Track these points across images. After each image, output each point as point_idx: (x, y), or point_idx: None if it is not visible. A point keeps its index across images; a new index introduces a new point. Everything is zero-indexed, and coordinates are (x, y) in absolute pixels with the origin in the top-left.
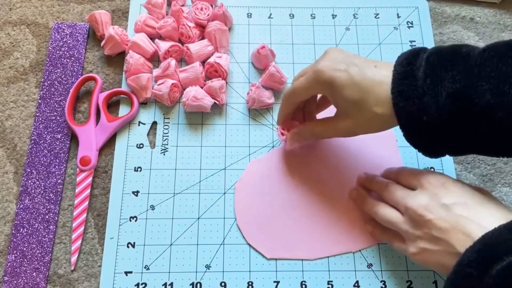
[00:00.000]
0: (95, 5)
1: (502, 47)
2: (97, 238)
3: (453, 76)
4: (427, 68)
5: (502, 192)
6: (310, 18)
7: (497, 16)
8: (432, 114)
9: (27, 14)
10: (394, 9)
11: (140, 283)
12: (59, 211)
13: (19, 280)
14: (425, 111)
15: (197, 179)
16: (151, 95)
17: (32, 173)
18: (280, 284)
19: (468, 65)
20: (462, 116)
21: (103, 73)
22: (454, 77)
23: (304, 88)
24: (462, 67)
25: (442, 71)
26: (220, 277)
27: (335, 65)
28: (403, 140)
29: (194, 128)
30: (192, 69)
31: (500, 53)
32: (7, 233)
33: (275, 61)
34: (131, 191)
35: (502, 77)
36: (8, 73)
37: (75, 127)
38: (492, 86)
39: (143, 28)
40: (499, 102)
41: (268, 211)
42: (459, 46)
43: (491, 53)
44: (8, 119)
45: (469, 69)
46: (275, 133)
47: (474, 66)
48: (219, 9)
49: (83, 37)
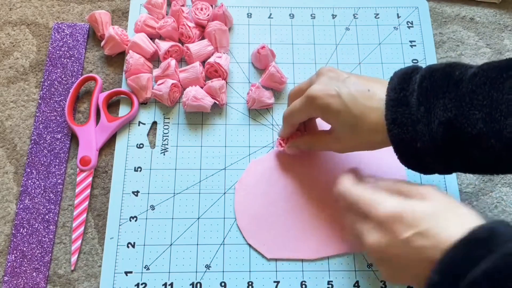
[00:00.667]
0: (95, 5)
1: (493, 71)
2: (97, 238)
3: (444, 104)
4: (420, 95)
5: (502, 192)
6: (310, 18)
7: (497, 16)
8: (425, 141)
9: (27, 14)
10: (394, 9)
11: (140, 283)
12: (59, 211)
13: (19, 280)
14: (418, 138)
15: (197, 179)
16: (151, 95)
17: (32, 173)
18: (280, 284)
19: (460, 92)
20: (455, 143)
21: (103, 73)
22: (446, 105)
23: (300, 112)
24: (454, 95)
25: (434, 98)
26: (220, 277)
27: (328, 90)
28: None
29: (194, 128)
30: (192, 69)
31: (491, 78)
32: (7, 233)
33: (275, 61)
34: (131, 191)
35: (494, 105)
36: (8, 73)
37: (75, 127)
38: (484, 115)
39: (143, 28)
40: (491, 129)
41: (268, 211)
42: (452, 68)
43: (482, 79)
44: (8, 119)
45: (461, 97)
46: (275, 133)
47: (466, 94)
48: (219, 9)
49: (83, 37)
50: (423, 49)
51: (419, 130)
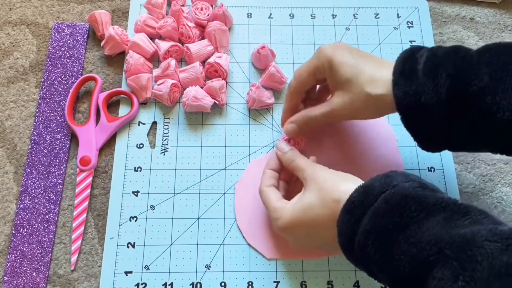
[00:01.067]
0: (95, 5)
1: (501, 44)
2: (97, 238)
3: (454, 60)
4: (430, 54)
5: (502, 192)
6: (310, 18)
7: (497, 16)
8: (429, 94)
9: (27, 14)
10: (394, 9)
11: (140, 283)
12: (59, 211)
13: (19, 280)
14: (423, 91)
15: (197, 179)
16: (151, 95)
17: (32, 173)
18: (280, 284)
19: (469, 54)
20: (459, 99)
21: (103, 73)
22: (455, 60)
23: (305, 67)
24: (464, 54)
25: (444, 56)
26: (220, 277)
27: (337, 47)
28: (404, 141)
29: (194, 128)
30: (192, 69)
31: (498, 46)
32: (7, 233)
33: (275, 61)
34: (131, 191)
35: (501, 64)
36: (8, 73)
37: (75, 127)
38: (491, 70)
39: (143, 28)
40: (497, 86)
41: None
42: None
43: (490, 46)
44: (8, 119)
45: (470, 56)
46: (275, 133)
47: (475, 54)
48: (219, 9)
49: (83, 37)
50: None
51: (424, 83)
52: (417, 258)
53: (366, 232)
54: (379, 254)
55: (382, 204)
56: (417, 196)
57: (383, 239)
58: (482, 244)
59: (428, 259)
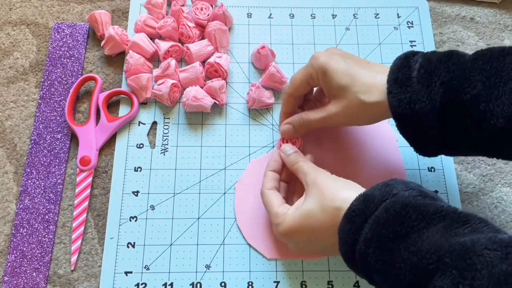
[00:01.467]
0: (95, 5)
1: (494, 50)
2: (97, 238)
3: (448, 66)
4: (423, 60)
5: (502, 192)
6: (310, 18)
7: (497, 16)
8: (423, 102)
9: (27, 14)
10: (394, 9)
11: (140, 283)
12: (59, 211)
13: (19, 280)
14: (417, 99)
15: (197, 179)
16: (151, 95)
17: (32, 173)
18: (280, 284)
19: (462, 60)
20: (453, 107)
21: (103, 73)
22: (449, 67)
23: (300, 74)
24: (457, 61)
25: (437, 62)
26: (220, 277)
27: (331, 54)
28: (404, 141)
29: (194, 128)
30: (192, 69)
31: (492, 52)
32: (7, 233)
33: (275, 61)
34: (131, 191)
35: (494, 71)
36: (8, 73)
37: (75, 127)
38: (483, 78)
39: (143, 28)
40: (489, 93)
41: None
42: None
43: (483, 51)
44: (8, 119)
45: (463, 63)
46: (275, 133)
47: (468, 61)
48: (219, 9)
49: (83, 37)
50: (423, 49)
51: (418, 90)
52: (417, 267)
53: (367, 241)
54: (380, 263)
55: (382, 213)
56: (417, 205)
57: (384, 248)
58: (481, 252)
59: (428, 267)
